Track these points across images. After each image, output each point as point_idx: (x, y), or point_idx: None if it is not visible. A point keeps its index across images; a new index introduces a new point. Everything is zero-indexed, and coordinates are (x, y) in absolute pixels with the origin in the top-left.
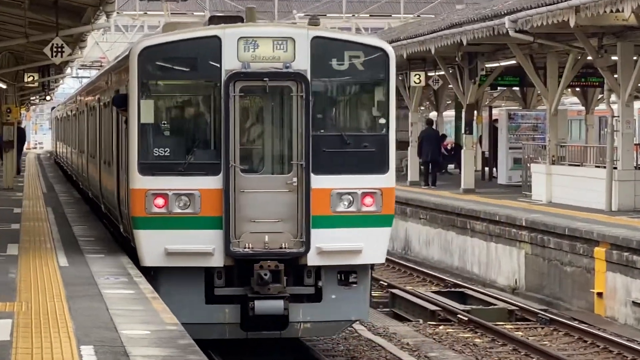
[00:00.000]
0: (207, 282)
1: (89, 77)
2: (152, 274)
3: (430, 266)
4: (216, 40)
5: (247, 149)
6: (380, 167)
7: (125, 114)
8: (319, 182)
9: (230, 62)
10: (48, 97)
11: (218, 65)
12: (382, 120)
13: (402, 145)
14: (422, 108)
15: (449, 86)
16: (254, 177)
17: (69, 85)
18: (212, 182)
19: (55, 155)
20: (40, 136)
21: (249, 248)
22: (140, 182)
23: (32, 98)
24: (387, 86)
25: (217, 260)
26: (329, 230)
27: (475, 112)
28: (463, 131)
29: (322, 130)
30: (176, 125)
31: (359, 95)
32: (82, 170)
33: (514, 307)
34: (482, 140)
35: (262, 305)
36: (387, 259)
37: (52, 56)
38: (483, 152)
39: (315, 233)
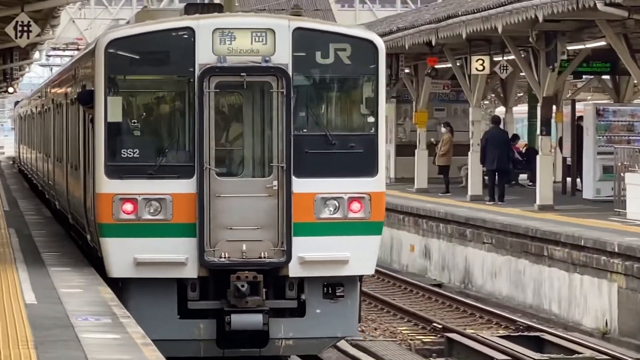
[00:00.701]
0: (179, 294)
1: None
2: (120, 286)
3: (496, 303)
4: (189, 32)
5: (223, 150)
6: (368, 169)
7: (92, 112)
8: (302, 186)
9: (204, 55)
10: (10, 90)
11: (191, 59)
12: (371, 119)
13: (460, 149)
14: (486, 102)
15: (521, 74)
16: (231, 181)
17: (37, 74)
18: (185, 186)
19: (18, 162)
20: (1, 138)
21: (225, 258)
22: (107, 185)
23: None
24: (377, 81)
25: (191, 271)
26: (313, 239)
27: (554, 107)
28: (538, 132)
29: (304, 130)
30: (146, 124)
31: (345, 92)
32: (48, 178)
33: (604, 357)
34: (562, 143)
35: (239, 320)
36: (441, 295)
37: (16, 37)
38: (564, 159)
39: (297, 241)
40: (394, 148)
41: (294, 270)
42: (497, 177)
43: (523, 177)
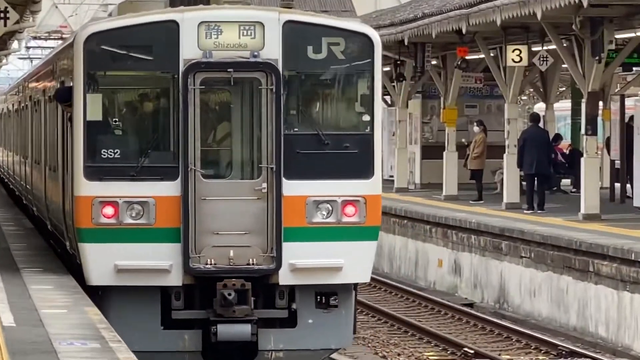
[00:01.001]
0: (163, 303)
1: (42, 56)
2: (100, 295)
3: (535, 326)
4: (174, 26)
5: (209, 150)
6: (364, 171)
7: (70, 110)
8: (293, 188)
9: (189, 50)
10: None
11: (175, 54)
12: (366, 117)
13: (495, 151)
14: (524, 98)
15: (563, 66)
16: (217, 183)
17: (15, 67)
18: (169, 189)
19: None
20: None
21: (211, 264)
22: (87, 188)
23: None
24: (372, 78)
25: (175, 279)
26: (304, 244)
27: (601, 103)
28: (583, 131)
29: (296, 129)
30: (128, 123)
31: (339, 89)
32: (25, 181)
33: None
34: (610, 144)
35: (226, 330)
36: (473, 316)
37: None
38: (612, 162)
39: (288, 247)
40: (419, 150)
41: (285, 277)
42: (536, 182)
43: (566, 182)
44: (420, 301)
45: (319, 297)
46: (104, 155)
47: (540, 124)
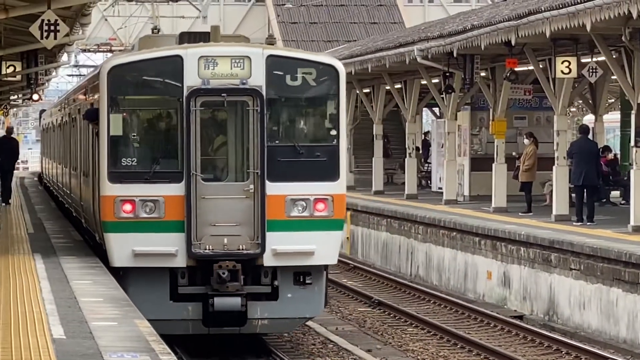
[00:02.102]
0: (171, 281)
1: (94, 65)
2: (121, 274)
3: (585, 338)
4: (179, 59)
5: (207, 158)
6: (331, 175)
7: (97, 127)
8: (274, 189)
9: (191, 79)
10: (35, 97)
11: (180, 82)
12: (333, 132)
13: (544, 163)
14: (573, 110)
15: (612, 77)
16: (214, 185)
17: (65, 79)
18: (175, 189)
19: (44, 177)
20: (25, 151)
21: (209, 249)
22: (110, 189)
23: (12, 97)
24: (338, 100)
25: (180, 261)
26: (284, 234)
27: None
28: (632, 143)
29: (276, 141)
30: (143, 137)
31: (311, 109)
32: (65, 186)
33: None
34: None
35: (221, 302)
36: (522, 328)
37: (41, 37)
38: None
39: (270, 236)
40: (468, 162)
41: (268, 260)
42: (585, 194)
43: (615, 194)
44: (469, 313)
45: (296, 276)
46: (124, 163)
47: (590, 136)
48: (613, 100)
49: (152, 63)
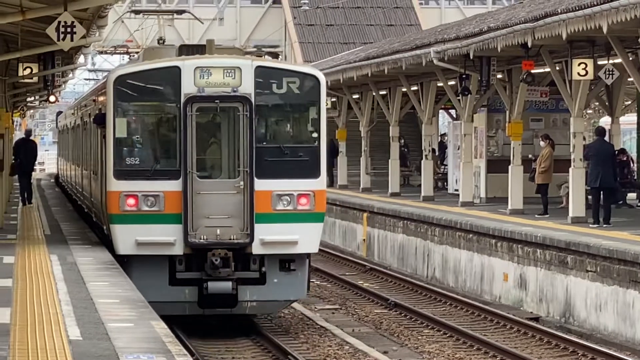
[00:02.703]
0: (170, 267)
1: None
2: (125, 261)
3: (601, 340)
4: (177, 70)
5: (202, 158)
6: (313, 173)
7: (104, 130)
8: (262, 185)
9: (188, 87)
10: (52, 98)
11: (178, 90)
12: (315, 135)
13: (560, 165)
14: (590, 111)
15: (629, 80)
16: (208, 182)
17: (82, 81)
18: (174, 185)
19: (60, 178)
20: (42, 153)
21: (203, 239)
22: (116, 185)
23: (29, 99)
24: (319, 106)
25: (178, 249)
26: (270, 225)
27: None
28: None
29: (264, 143)
30: (144, 138)
31: (295, 114)
32: (77, 183)
33: None
34: None
35: (214, 286)
36: (538, 330)
37: (58, 39)
38: None
39: (258, 227)
40: (484, 164)
41: (256, 249)
42: (602, 196)
43: (632, 196)
44: (485, 315)
45: (281, 263)
46: (128, 162)
47: (606, 138)
48: (629, 102)
49: (153, 73)
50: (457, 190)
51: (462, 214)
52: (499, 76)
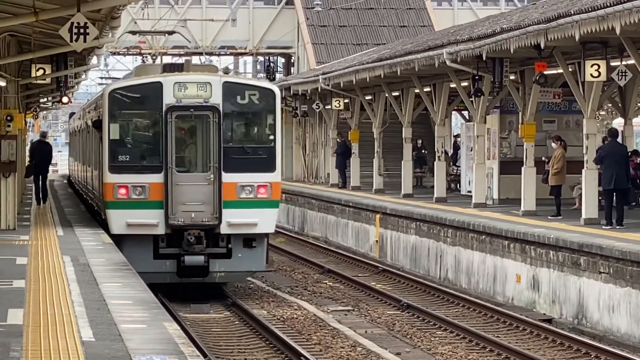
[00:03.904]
0: (154, 244)
1: (124, 69)
2: (117, 239)
3: (614, 341)
4: (159, 84)
5: (180, 156)
6: (270, 168)
7: (101, 133)
8: (228, 178)
9: (168, 98)
10: (65, 99)
11: (160, 101)
12: (272, 137)
13: (573, 166)
14: (603, 113)
15: None
16: (185, 175)
17: (94, 82)
18: (157, 178)
19: (72, 178)
20: (54, 154)
21: (181, 222)
22: (110, 178)
23: (42, 100)
24: (275, 114)
25: (160, 230)
26: (235, 210)
27: None
28: None
29: (230, 143)
30: (134, 140)
31: (255, 120)
32: (81, 178)
33: None
34: None
35: (189, 259)
36: (551, 332)
37: (71, 40)
38: None
39: (225, 212)
40: (497, 165)
41: (224, 229)
42: (615, 197)
43: None
44: (498, 317)
45: (244, 241)
46: (120, 159)
47: (619, 139)
48: None
49: (140, 87)
50: (469, 191)
51: (474, 215)
52: (512, 77)
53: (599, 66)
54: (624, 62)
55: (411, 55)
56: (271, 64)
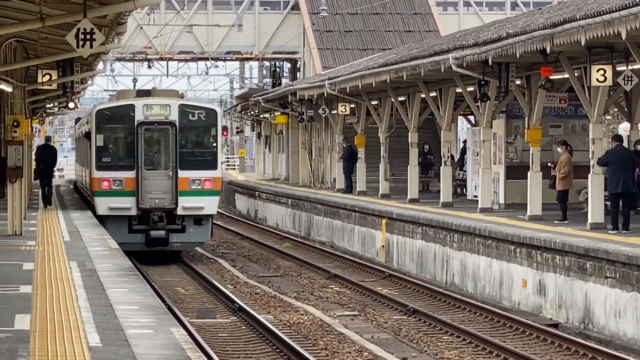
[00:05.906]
0: (129, 222)
1: (130, 74)
2: (102, 219)
3: (620, 346)
4: (132, 106)
5: (148, 157)
6: (213, 167)
7: (89, 142)
8: (183, 174)
9: (139, 116)
10: (71, 105)
11: (133, 118)
12: (214, 144)
13: (579, 171)
14: (609, 117)
15: None
16: (152, 172)
17: (100, 87)
18: (131, 174)
19: (78, 184)
20: (60, 159)
21: (148, 206)
22: (97, 174)
23: (48, 106)
24: (217, 127)
25: (133, 212)
26: (188, 197)
27: None
28: None
29: (184, 149)
30: (114, 147)
31: (202, 132)
32: (84, 180)
33: None
34: None
35: (154, 233)
36: (557, 337)
37: (77, 46)
38: None
39: (180, 199)
40: (503, 170)
41: (180, 211)
42: (621, 201)
43: None
44: (504, 321)
45: (195, 220)
46: (104, 160)
47: (625, 144)
48: None
49: (119, 108)
50: (476, 196)
51: (481, 220)
52: (518, 82)
53: (605, 71)
54: (630, 67)
55: (417, 60)
56: (277, 69)
